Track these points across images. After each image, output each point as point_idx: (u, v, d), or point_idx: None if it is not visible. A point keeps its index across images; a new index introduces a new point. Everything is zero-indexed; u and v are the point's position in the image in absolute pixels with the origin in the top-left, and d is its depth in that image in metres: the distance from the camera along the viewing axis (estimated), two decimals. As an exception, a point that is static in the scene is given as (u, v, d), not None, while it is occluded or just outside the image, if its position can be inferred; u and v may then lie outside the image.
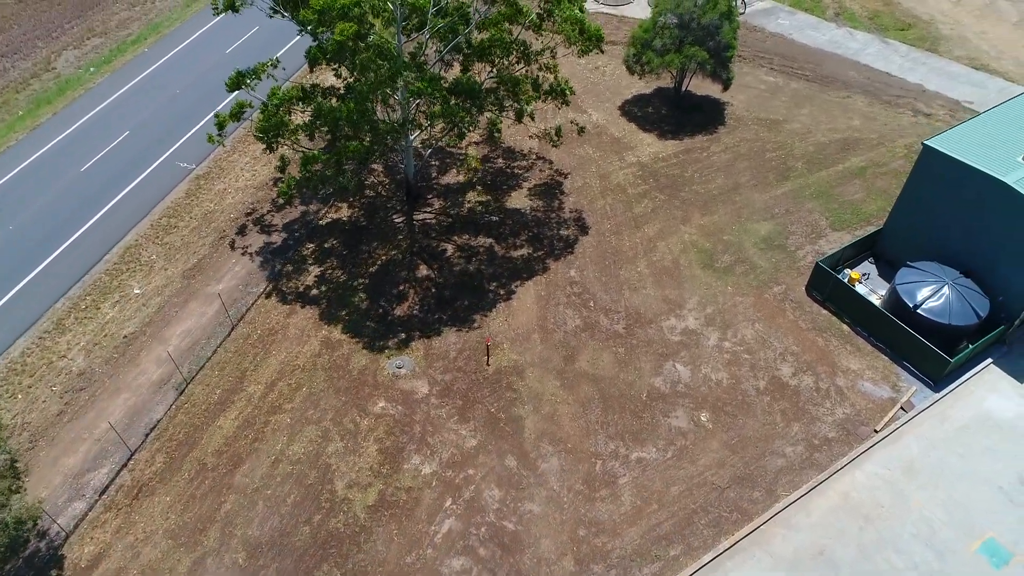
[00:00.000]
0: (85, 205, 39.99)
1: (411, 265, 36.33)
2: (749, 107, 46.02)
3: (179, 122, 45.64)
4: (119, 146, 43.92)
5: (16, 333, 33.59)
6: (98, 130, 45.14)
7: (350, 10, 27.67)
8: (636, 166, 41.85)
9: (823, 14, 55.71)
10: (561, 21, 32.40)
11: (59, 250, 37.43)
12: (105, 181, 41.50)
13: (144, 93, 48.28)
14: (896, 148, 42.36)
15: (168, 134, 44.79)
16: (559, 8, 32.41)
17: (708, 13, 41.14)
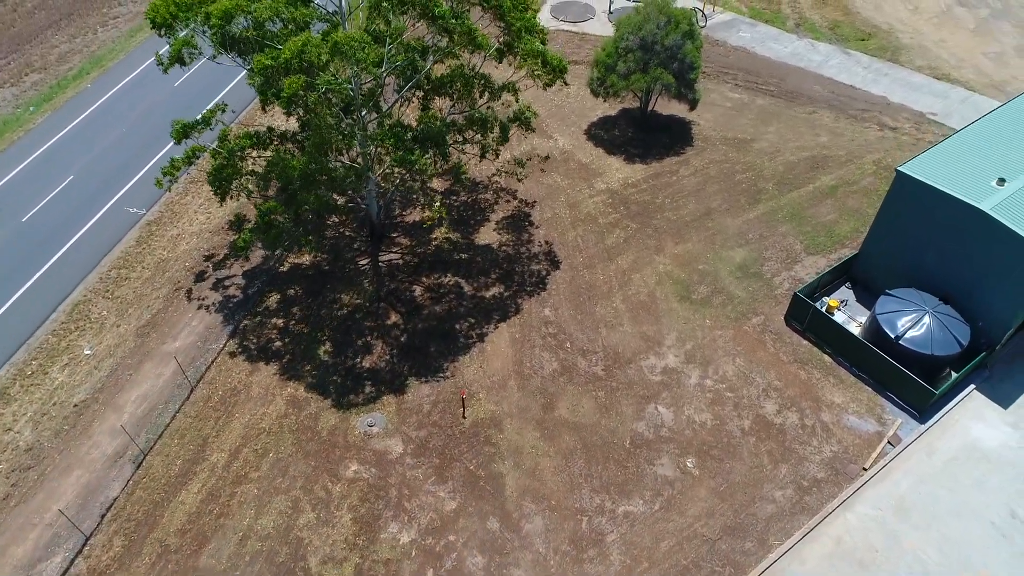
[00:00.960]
0: (28, 260, 37.68)
1: (378, 311, 34.83)
2: (716, 126, 45.39)
3: (127, 163, 43.44)
4: (63, 192, 41.61)
5: (-44, 407, 31.43)
6: (40, 175, 42.76)
7: (291, 63, 26.03)
8: (606, 193, 40.88)
9: (784, 25, 55.46)
10: (523, 55, 31.20)
11: (0, 311, 35.17)
12: (49, 232, 39.21)
13: (88, 133, 45.94)
14: (865, 165, 42.05)
15: (115, 177, 42.58)
16: (519, 42, 31.20)
17: (671, 34, 40.34)
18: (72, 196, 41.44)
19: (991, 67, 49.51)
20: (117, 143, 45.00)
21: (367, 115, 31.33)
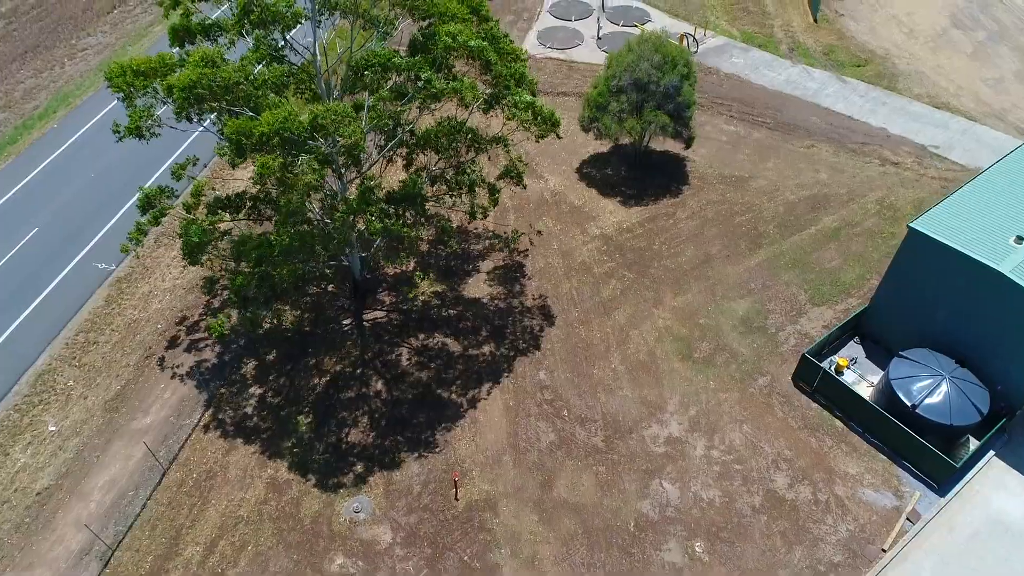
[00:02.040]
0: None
1: (363, 378, 32.84)
2: (712, 162, 43.72)
3: (96, 212, 41.15)
4: (26, 247, 39.28)
5: (-92, 497, 29.17)
6: (1, 228, 40.42)
7: (269, 140, 23.99)
8: (600, 239, 39.08)
9: (777, 50, 53.93)
10: (511, 107, 29.22)
11: (-42, 385, 32.93)
12: (10, 293, 36.90)
13: (54, 179, 43.61)
14: (867, 204, 40.51)
15: (83, 229, 40.29)
16: (508, 94, 29.23)
17: (667, 75, 38.60)
18: (36, 251, 39.11)
19: (991, 95, 48.18)
20: (85, 190, 42.70)
21: (347, 174, 29.33)
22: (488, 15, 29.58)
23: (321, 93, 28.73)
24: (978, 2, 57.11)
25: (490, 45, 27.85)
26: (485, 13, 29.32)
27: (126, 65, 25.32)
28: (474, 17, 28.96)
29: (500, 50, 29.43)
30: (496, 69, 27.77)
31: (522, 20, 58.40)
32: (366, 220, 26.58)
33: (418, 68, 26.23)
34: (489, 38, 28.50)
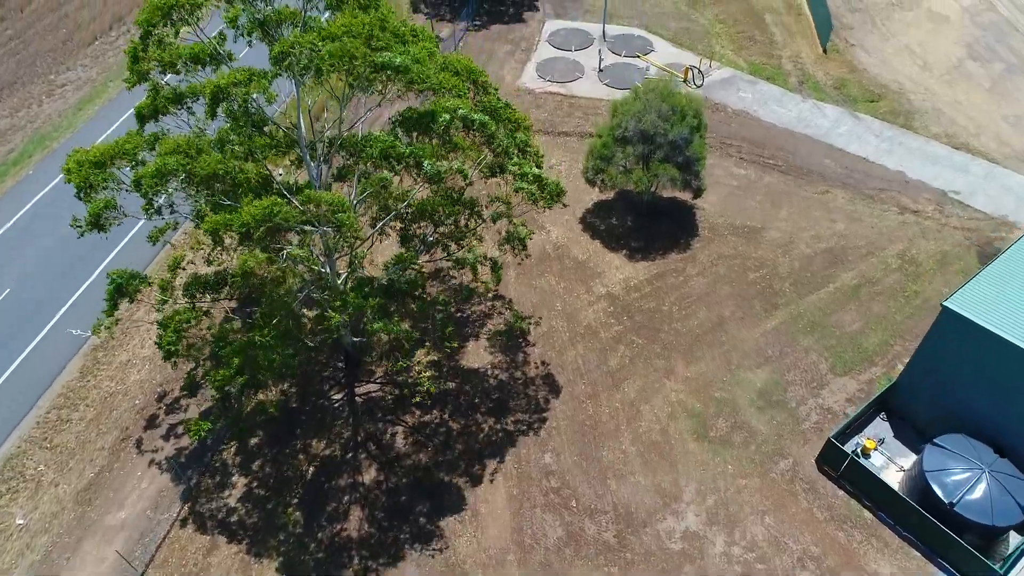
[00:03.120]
0: (-47, 403, 33.15)
1: (355, 463, 30.62)
2: (723, 211, 41.57)
3: (72, 271, 38.82)
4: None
5: None
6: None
7: (255, 231, 21.73)
8: (606, 300, 36.90)
9: (786, 83, 51.80)
10: (517, 177, 26.99)
11: (-81, 474, 30.60)
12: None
13: (28, 233, 41.26)
14: (888, 258, 38.41)
15: (58, 290, 37.98)
16: (512, 163, 26.99)
17: (676, 127, 36.45)
18: (7, 316, 36.78)
19: (1012, 134, 46.13)
20: (61, 246, 40.28)
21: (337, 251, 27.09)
22: (488, 84, 27.38)
23: (309, 170, 26.51)
24: (993, 31, 55.07)
25: (492, 119, 25.61)
26: (484, 82, 27.10)
27: (83, 159, 23.06)
28: (472, 87, 26.77)
29: (503, 119, 27.28)
30: (499, 142, 25.55)
31: (520, 50, 56.19)
32: (365, 320, 24.47)
33: (420, 154, 23.94)
34: (490, 111, 26.31)
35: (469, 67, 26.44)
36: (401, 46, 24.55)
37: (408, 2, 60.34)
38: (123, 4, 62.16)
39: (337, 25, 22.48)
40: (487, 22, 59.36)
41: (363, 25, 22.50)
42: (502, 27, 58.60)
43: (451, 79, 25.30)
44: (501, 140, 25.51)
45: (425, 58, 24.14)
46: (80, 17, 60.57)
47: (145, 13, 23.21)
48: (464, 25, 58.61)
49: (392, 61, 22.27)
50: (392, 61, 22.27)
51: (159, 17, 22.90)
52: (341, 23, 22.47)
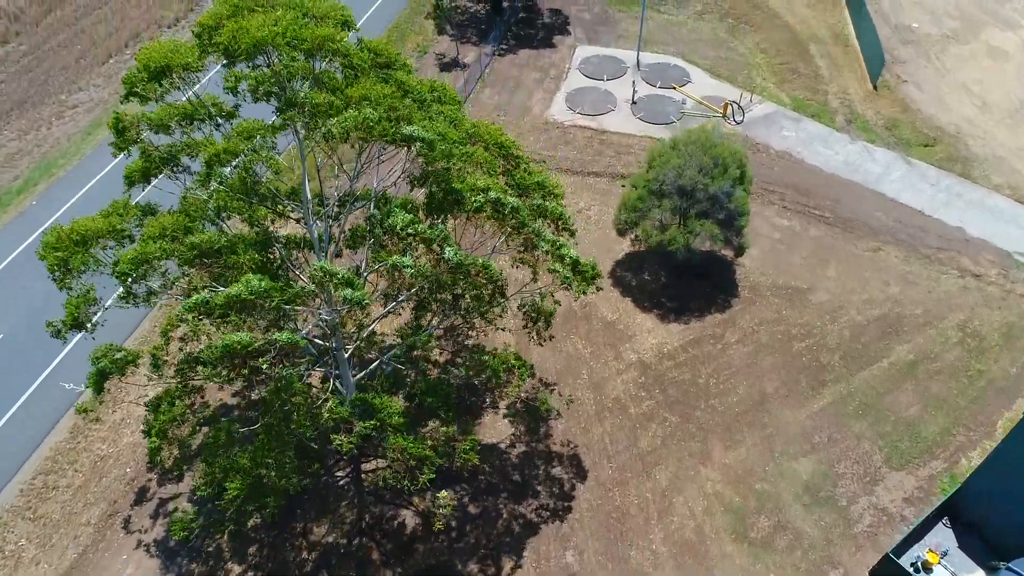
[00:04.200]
0: (-65, 465, 31.03)
1: (360, 553, 28.00)
2: (764, 267, 38.44)
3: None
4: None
5: None
6: (-38, 335, 36.07)
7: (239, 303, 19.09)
8: (637, 368, 33.98)
9: (832, 122, 48.47)
10: (553, 258, 24.03)
11: None
12: (-35, 422, 32.54)
13: (27, 272, 39.10)
14: (947, 330, 35.08)
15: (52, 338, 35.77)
16: (543, 240, 23.99)
17: (717, 180, 33.46)
18: None
19: (1082, 187, 42.55)
20: (59, 287, 38.18)
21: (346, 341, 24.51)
22: (519, 155, 24.58)
23: (313, 239, 23.92)
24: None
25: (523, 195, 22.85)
26: (516, 153, 24.29)
27: (64, 234, 20.60)
28: (501, 159, 24.01)
29: (535, 186, 24.54)
30: (532, 230, 22.63)
31: (549, 78, 53.37)
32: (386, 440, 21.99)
33: (444, 239, 21.15)
34: (522, 188, 23.54)
35: (498, 138, 23.60)
36: (423, 112, 21.88)
37: (433, 25, 57.75)
38: (141, 20, 60.27)
39: (356, 90, 19.62)
40: (515, 46, 56.63)
41: (383, 97, 19.63)
42: (531, 52, 55.85)
43: (480, 154, 22.55)
44: (534, 229, 22.53)
45: (450, 130, 21.39)
46: (96, 33, 58.71)
47: (132, 74, 20.70)
48: (491, 49, 55.94)
49: (417, 135, 19.49)
50: (417, 135, 19.49)
51: (147, 81, 20.35)
52: (359, 92, 19.57)
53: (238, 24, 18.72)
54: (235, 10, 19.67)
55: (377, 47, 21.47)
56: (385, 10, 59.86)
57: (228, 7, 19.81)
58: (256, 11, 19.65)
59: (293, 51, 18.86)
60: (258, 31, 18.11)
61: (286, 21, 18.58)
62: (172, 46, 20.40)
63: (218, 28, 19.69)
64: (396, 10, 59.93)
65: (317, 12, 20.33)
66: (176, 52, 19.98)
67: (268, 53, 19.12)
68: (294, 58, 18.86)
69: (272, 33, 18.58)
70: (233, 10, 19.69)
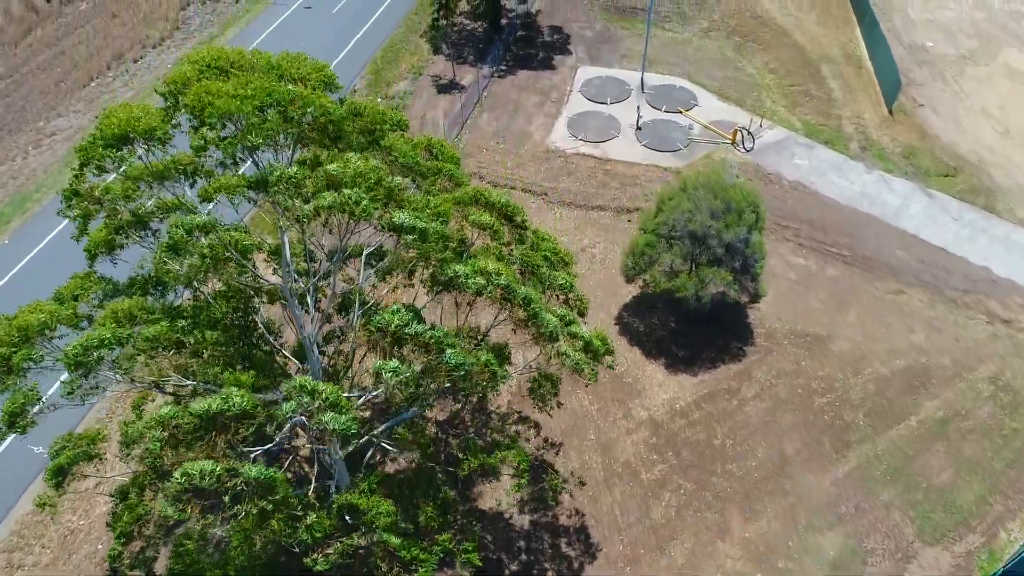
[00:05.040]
0: None
1: (349, 645, 25.77)
2: (780, 311, 36.24)
3: (38, 373, 34.23)
4: (-48, 420, 32.51)
5: None
6: (-74, 391, 33.66)
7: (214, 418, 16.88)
8: (648, 427, 31.75)
9: (847, 149, 46.28)
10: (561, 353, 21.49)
11: None
12: (-76, 492, 30.22)
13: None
14: (978, 383, 32.90)
15: (22, 393, 33.47)
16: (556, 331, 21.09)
17: (732, 227, 31.25)
18: (-36, 426, 32.33)
19: (1112, 222, 40.42)
20: (31, 335, 35.83)
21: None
22: (525, 222, 22.20)
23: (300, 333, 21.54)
24: (1081, 92, 49.24)
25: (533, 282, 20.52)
26: (522, 221, 21.88)
27: (5, 327, 18.32)
28: (506, 226, 21.66)
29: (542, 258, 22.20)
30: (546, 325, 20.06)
31: (550, 101, 51.11)
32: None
33: (444, 341, 18.71)
34: (531, 267, 21.18)
35: (501, 201, 21.19)
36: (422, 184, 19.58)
37: (428, 45, 55.46)
38: (125, 39, 57.93)
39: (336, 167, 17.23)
40: (514, 67, 54.36)
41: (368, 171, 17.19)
42: (530, 73, 53.60)
43: (481, 216, 20.20)
44: (547, 323, 20.02)
45: (447, 208, 19.02)
46: (77, 54, 56.36)
47: (88, 144, 18.29)
48: (489, 71, 53.67)
49: (407, 224, 17.13)
50: (407, 224, 17.13)
51: (103, 151, 17.95)
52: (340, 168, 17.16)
53: (205, 88, 16.39)
54: (202, 72, 17.37)
55: (362, 108, 19.13)
56: (378, 29, 57.63)
57: (194, 69, 17.50)
58: (228, 72, 17.32)
59: (264, 118, 16.52)
60: (225, 104, 15.78)
61: (255, 87, 16.26)
62: (135, 111, 18.03)
63: (185, 88, 17.36)
64: (390, 29, 57.69)
65: (295, 73, 18.04)
66: (139, 118, 17.60)
67: (238, 121, 16.78)
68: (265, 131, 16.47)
69: (241, 98, 16.22)
70: (199, 73, 17.38)
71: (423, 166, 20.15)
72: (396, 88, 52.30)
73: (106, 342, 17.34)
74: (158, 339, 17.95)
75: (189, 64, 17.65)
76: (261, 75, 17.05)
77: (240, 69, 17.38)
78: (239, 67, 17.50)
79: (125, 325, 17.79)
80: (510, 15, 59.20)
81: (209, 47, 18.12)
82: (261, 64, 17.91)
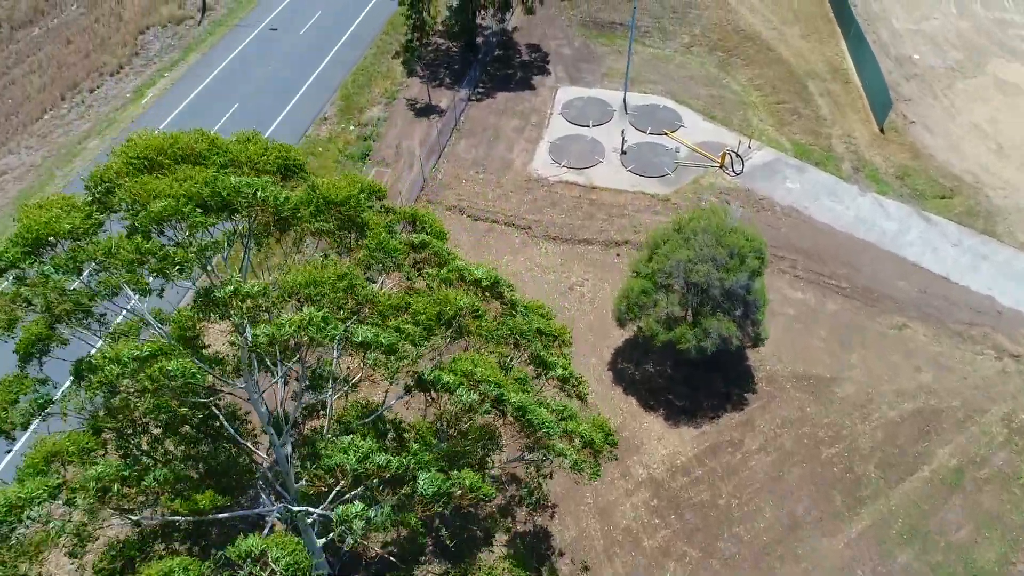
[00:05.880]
0: None
1: None
2: (781, 352, 34.50)
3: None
4: None
5: None
6: None
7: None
8: (648, 487, 29.82)
9: (839, 170, 44.74)
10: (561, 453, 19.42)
11: None
12: None
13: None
14: (991, 426, 31.38)
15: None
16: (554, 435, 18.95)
17: (733, 273, 29.40)
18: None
19: (1115, 243, 39.21)
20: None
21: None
22: (514, 299, 20.07)
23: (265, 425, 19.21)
24: (1073, 105, 48.15)
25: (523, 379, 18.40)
26: (511, 298, 19.77)
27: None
28: (489, 300, 19.49)
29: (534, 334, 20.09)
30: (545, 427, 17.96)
31: (530, 125, 49.04)
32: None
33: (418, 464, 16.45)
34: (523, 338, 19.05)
35: (487, 279, 19.02)
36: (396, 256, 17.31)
37: (402, 68, 53.10)
38: (80, 68, 54.93)
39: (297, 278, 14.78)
40: (492, 89, 52.24)
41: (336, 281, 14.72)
42: (509, 95, 51.52)
43: (461, 299, 17.97)
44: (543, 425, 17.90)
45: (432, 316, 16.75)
46: (29, 85, 53.28)
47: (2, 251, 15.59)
48: (466, 93, 51.50)
49: (372, 340, 14.93)
50: (372, 340, 14.93)
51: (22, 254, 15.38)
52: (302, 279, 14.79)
53: (138, 186, 14.01)
54: (134, 166, 14.96)
55: (335, 195, 16.66)
56: (349, 51, 55.19)
57: (122, 163, 15.07)
58: (164, 166, 14.93)
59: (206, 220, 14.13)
60: (159, 209, 13.42)
61: (196, 182, 13.91)
62: (56, 209, 15.49)
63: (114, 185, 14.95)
64: (361, 51, 55.27)
65: (245, 157, 15.68)
66: (59, 219, 15.04)
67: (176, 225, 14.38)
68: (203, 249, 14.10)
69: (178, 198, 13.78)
70: (129, 167, 14.97)
71: (402, 253, 17.85)
72: (369, 114, 49.94)
73: (33, 499, 14.91)
74: (103, 483, 15.53)
75: (118, 157, 15.23)
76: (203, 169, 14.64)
77: (182, 158, 15.00)
78: (181, 156, 15.12)
79: (58, 469, 15.42)
80: (486, 33, 57.07)
81: (143, 135, 15.57)
82: (206, 149, 15.51)
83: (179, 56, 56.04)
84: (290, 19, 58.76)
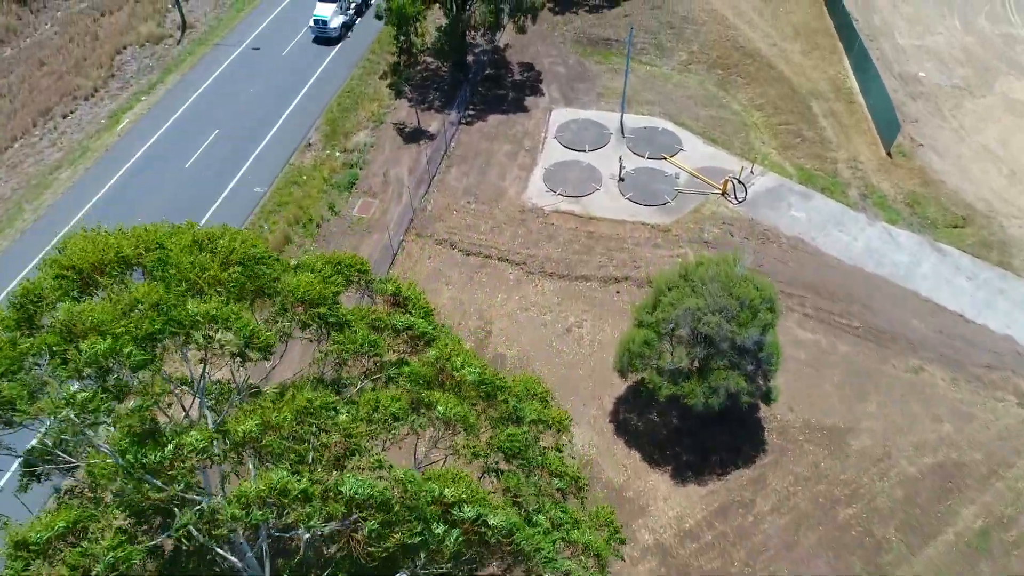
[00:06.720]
0: None
1: None
2: (792, 400, 32.63)
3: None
4: None
5: None
6: None
7: None
8: (655, 555, 27.90)
9: (846, 197, 42.91)
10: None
11: None
12: None
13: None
14: (1017, 482, 29.60)
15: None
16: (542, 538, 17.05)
17: (746, 327, 27.48)
18: None
19: None
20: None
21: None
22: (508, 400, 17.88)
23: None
24: (1086, 126, 46.50)
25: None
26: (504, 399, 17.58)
27: None
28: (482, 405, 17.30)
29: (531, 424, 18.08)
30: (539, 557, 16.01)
31: (523, 150, 47.03)
32: None
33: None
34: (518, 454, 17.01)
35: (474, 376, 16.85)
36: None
37: (389, 89, 50.97)
38: (53, 91, 52.51)
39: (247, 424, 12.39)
40: (483, 111, 50.18)
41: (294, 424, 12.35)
42: (501, 118, 49.48)
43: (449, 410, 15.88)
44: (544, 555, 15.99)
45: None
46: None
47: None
48: (456, 116, 49.43)
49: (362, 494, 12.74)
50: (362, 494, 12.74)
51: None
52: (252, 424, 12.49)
53: (72, 313, 11.90)
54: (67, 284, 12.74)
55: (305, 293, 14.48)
56: (334, 72, 53.03)
57: (51, 275, 12.83)
58: (104, 277, 12.76)
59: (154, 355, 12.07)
60: (91, 349, 11.31)
61: (143, 308, 11.84)
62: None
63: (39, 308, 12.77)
64: (347, 71, 53.12)
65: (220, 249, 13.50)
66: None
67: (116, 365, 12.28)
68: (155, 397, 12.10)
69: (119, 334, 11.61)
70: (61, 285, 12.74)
71: (382, 348, 15.85)
72: (355, 139, 47.81)
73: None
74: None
75: (47, 270, 12.94)
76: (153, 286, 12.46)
77: (135, 261, 12.83)
78: (123, 265, 12.95)
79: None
80: (476, 51, 55.01)
81: (79, 242, 13.34)
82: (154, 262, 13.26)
83: (157, 77, 53.74)
84: (273, 38, 56.54)
